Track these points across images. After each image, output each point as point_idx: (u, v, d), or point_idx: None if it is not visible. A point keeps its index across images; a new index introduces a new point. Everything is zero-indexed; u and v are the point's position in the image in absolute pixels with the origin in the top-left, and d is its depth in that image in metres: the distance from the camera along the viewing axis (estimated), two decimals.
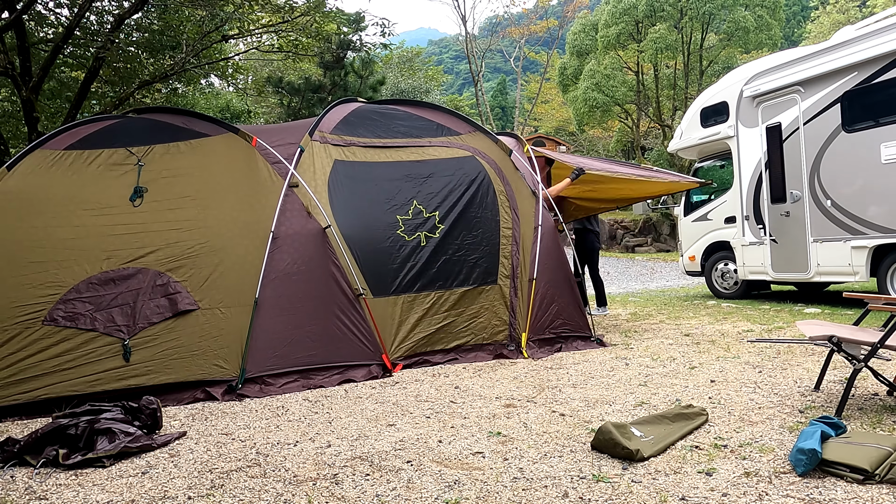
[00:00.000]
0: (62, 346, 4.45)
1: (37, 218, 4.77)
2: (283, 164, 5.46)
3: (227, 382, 4.68)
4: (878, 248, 7.24)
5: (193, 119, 5.68)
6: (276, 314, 4.97)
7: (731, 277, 9.69)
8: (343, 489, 2.77)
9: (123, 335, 4.57)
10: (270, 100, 21.92)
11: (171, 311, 4.73)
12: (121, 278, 4.74)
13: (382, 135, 6.19)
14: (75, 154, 5.12)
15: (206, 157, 5.40)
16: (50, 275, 4.62)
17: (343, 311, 5.18)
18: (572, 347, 5.95)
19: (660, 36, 22.71)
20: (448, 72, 59.60)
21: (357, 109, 6.33)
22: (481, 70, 36.50)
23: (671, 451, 3.06)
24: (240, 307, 4.89)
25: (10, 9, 9.75)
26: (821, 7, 34.96)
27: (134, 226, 4.94)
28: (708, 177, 10.49)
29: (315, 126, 5.88)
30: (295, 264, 5.15)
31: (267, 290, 4.98)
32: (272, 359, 4.86)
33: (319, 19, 13.06)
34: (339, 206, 5.57)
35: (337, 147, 5.89)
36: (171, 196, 5.13)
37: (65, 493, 2.87)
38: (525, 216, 6.19)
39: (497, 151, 6.42)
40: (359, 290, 5.27)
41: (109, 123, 5.43)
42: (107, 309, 4.62)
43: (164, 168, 5.23)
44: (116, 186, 5.06)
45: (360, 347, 5.17)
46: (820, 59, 7.70)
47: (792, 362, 4.95)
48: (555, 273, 6.06)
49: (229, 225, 5.14)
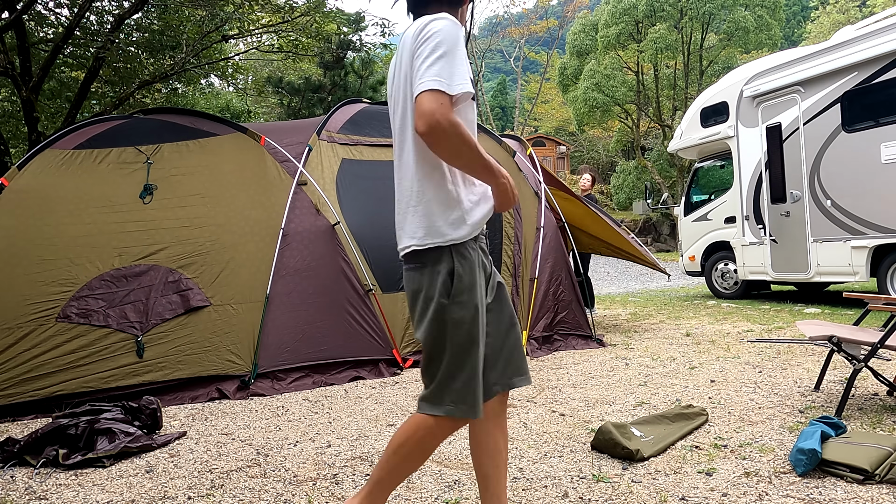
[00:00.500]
0: (76, 342, 4.48)
1: (48, 216, 4.79)
2: (291, 162, 5.50)
3: (239, 378, 4.73)
4: (878, 248, 7.25)
5: (201, 119, 5.71)
6: (287, 310, 5.02)
7: (731, 277, 9.69)
8: (343, 489, 2.77)
9: (137, 331, 4.61)
10: (270, 100, 21.91)
11: (184, 307, 4.77)
12: (133, 275, 4.78)
13: (388, 134, 6.21)
14: (84, 153, 5.14)
15: (214, 155, 5.43)
16: (63, 272, 4.64)
17: (353, 307, 5.23)
18: (572, 347, 5.97)
19: (660, 36, 22.72)
20: None
21: (364, 110, 6.38)
22: (481, 70, 36.51)
23: (671, 451, 3.06)
24: (251, 303, 4.94)
25: (10, 9, 9.75)
26: (821, 7, 34.97)
27: (145, 223, 4.97)
28: (708, 177, 10.50)
29: (322, 125, 5.92)
30: (305, 261, 5.20)
31: (278, 286, 5.03)
32: (284, 354, 4.91)
33: (319, 19, 13.06)
34: (348, 204, 5.61)
35: (344, 146, 5.93)
36: (181, 194, 5.16)
37: (65, 493, 2.87)
38: (528, 217, 6.25)
39: (501, 153, 6.45)
40: (368, 286, 5.31)
41: (117, 123, 5.45)
42: (119, 305, 4.66)
43: (173, 166, 5.25)
44: (126, 184, 5.08)
45: (371, 342, 5.22)
46: (820, 59, 7.70)
47: (792, 362, 4.95)
48: (556, 273, 6.09)
49: (239, 222, 5.18)
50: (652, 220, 22.34)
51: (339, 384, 4.93)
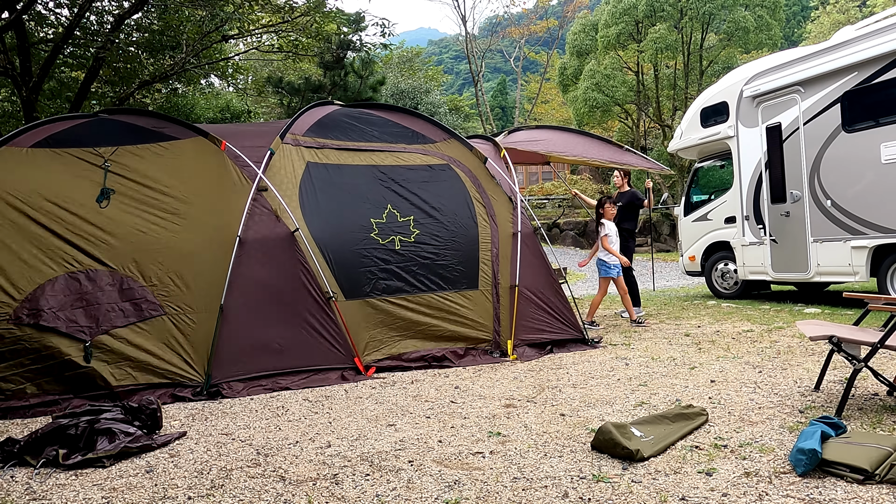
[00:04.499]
0: (24, 345, 4.42)
1: (1, 216, 4.71)
2: (252, 167, 5.38)
3: (191, 388, 4.64)
4: (878, 249, 7.24)
5: (163, 122, 5.60)
6: (244, 320, 4.91)
7: (731, 277, 9.69)
8: (343, 489, 2.77)
9: (86, 336, 4.54)
10: (270, 100, 21.92)
11: (136, 315, 4.69)
12: (85, 280, 4.69)
13: (357, 138, 6.10)
14: (41, 152, 5.04)
15: (174, 160, 5.34)
16: (14, 274, 4.57)
17: (313, 315, 5.11)
18: (562, 351, 5.84)
19: (660, 36, 22.70)
20: (448, 72, 59.60)
21: (332, 113, 6.24)
22: (481, 70, 36.50)
23: (671, 451, 3.06)
24: (206, 313, 4.83)
25: (10, 9, 9.75)
26: (821, 7, 34.96)
27: (100, 227, 4.87)
28: (708, 177, 10.49)
29: (287, 129, 5.80)
30: (263, 269, 5.08)
31: (233, 295, 4.90)
32: (239, 365, 4.80)
33: (319, 19, 13.07)
34: (311, 209, 5.49)
35: (310, 149, 5.82)
36: (138, 198, 5.07)
37: (65, 492, 2.87)
38: (503, 223, 6.14)
39: (472, 159, 6.38)
40: (329, 294, 5.19)
41: (76, 123, 5.34)
42: (70, 310, 4.58)
43: (132, 170, 5.16)
44: (83, 187, 4.98)
45: (331, 351, 5.10)
46: (820, 59, 7.70)
47: (792, 362, 4.95)
48: (536, 278, 5.97)
49: (197, 229, 5.07)
50: (652, 220, 22.32)
51: (294, 388, 4.80)
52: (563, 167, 34.52)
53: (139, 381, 4.56)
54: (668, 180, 24.72)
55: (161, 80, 12.40)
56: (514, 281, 5.85)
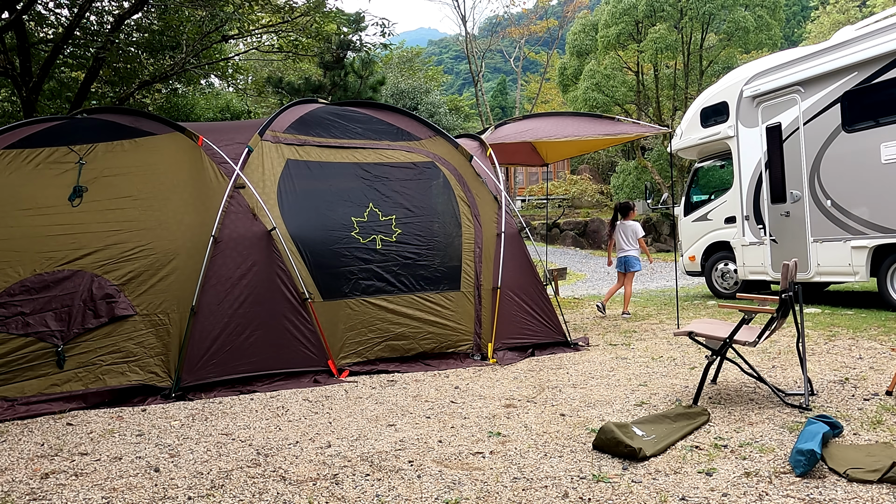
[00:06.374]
0: None
1: None
2: (229, 164, 5.28)
3: (161, 391, 4.58)
4: (878, 249, 7.24)
5: (141, 119, 5.52)
6: (216, 321, 4.82)
7: (731, 277, 9.69)
8: (343, 489, 2.77)
9: (57, 340, 4.45)
10: (270, 100, 21.92)
11: (108, 316, 4.59)
12: (56, 281, 4.59)
13: (339, 136, 5.98)
14: (14, 153, 4.97)
15: (150, 155, 5.23)
16: None
17: (287, 317, 5.03)
18: (544, 354, 5.74)
19: (660, 36, 22.70)
20: (448, 72, 59.59)
21: (314, 110, 6.11)
22: (481, 70, 36.51)
23: (671, 451, 3.06)
24: (180, 313, 4.75)
25: (10, 9, 9.75)
26: (821, 7, 34.96)
27: (72, 226, 4.77)
28: (708, 177, 10.50)
29: (266, 125, 5.69)
30: (238, 268, 4.98)
31: (207, 295, 4.82)
32: (209, 367, 4.73)
33: (319, 19, 13.07)
34: (290, 207, 5.39)
35: (290, 146, 5.68)
36: (112, 196, 4.96)
37: (65, 492, 2.87)
38: (487, 223, 6.03)
39: (457, 157, 6.27)
40: (304, 295, 5.11)
41: (54, 124, 5.28)
42: (41, 313, 4.47)
43: (106, 167, 5.06)
44: (55, 186, 4.89)
45: (304, 353, 5.03)
46: (820, 59, 7.70)
47: (792, 362, 4.95)
48: (520, 280, 5.87)
49: (172, 227, 4.97)
50: (652, 220, 22.32)
51: (262, 392, 4.74)
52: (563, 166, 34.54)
53: (109, 384, 4.47)
54: (667, 180, 24.71)
55: (161, 80, 12.40)
56: (497, 283, 5.75)
